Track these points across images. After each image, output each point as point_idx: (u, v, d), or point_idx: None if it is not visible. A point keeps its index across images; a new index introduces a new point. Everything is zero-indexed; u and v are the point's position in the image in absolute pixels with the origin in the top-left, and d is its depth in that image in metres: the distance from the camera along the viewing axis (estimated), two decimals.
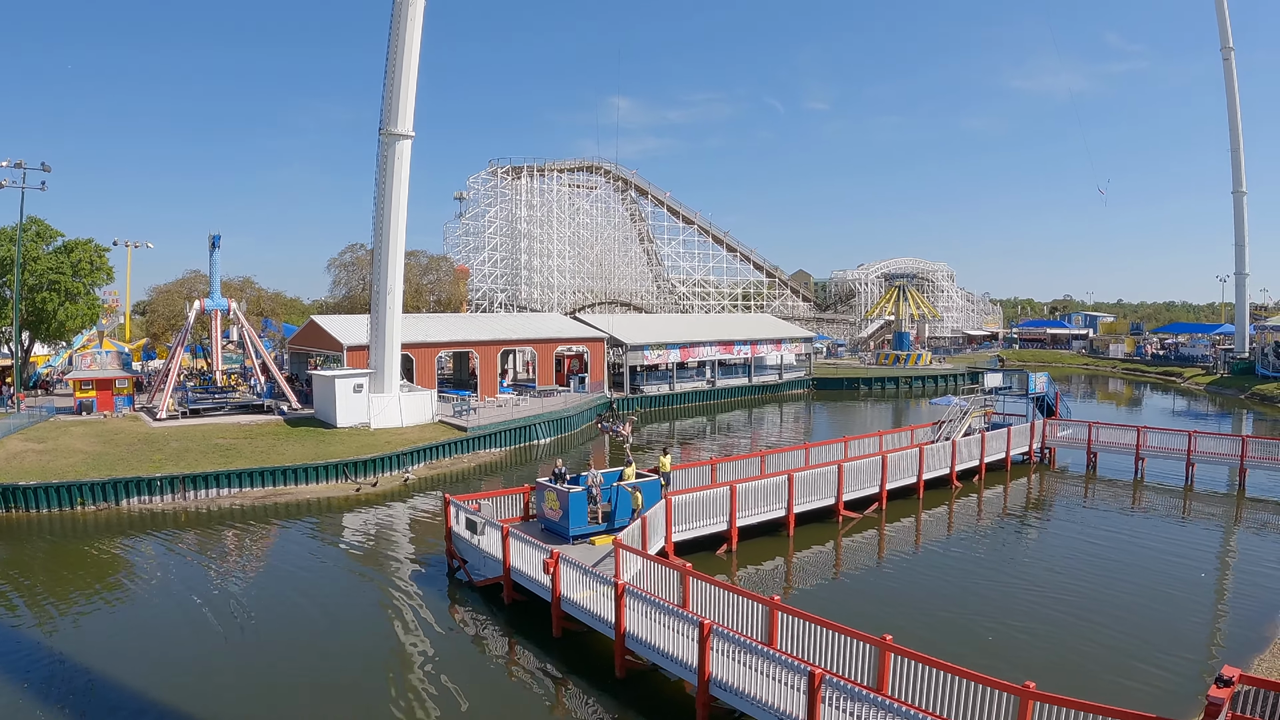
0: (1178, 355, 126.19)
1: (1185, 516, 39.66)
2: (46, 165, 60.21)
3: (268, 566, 33.74)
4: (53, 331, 70.93)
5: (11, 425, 50.33)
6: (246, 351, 68.40)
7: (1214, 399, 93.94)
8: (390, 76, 53.88)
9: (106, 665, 23.51)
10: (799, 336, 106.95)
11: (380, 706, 20.98)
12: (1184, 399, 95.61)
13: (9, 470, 42.51)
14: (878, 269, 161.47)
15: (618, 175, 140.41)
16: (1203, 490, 44.22)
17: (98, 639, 25.83)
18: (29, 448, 46.15)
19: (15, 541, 37.03)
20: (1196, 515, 39.94)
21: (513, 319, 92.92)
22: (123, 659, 24.02)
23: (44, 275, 66.51)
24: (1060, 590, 28.76)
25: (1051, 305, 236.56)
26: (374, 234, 56.80)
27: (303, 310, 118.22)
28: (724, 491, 33.62)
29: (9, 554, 35.12)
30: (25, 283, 64.51)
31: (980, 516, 40.11)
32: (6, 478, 41.52)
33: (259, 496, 44.10)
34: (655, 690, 21.61)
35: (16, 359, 64.86)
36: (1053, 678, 19.56)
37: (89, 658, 24.15)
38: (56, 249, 70.03)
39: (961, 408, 51.17)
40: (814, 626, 18.96)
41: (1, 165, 59.09)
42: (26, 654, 24.55)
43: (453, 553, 31.39)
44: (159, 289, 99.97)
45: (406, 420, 57.49)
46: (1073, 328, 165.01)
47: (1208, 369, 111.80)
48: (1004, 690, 15.47)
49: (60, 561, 34.12)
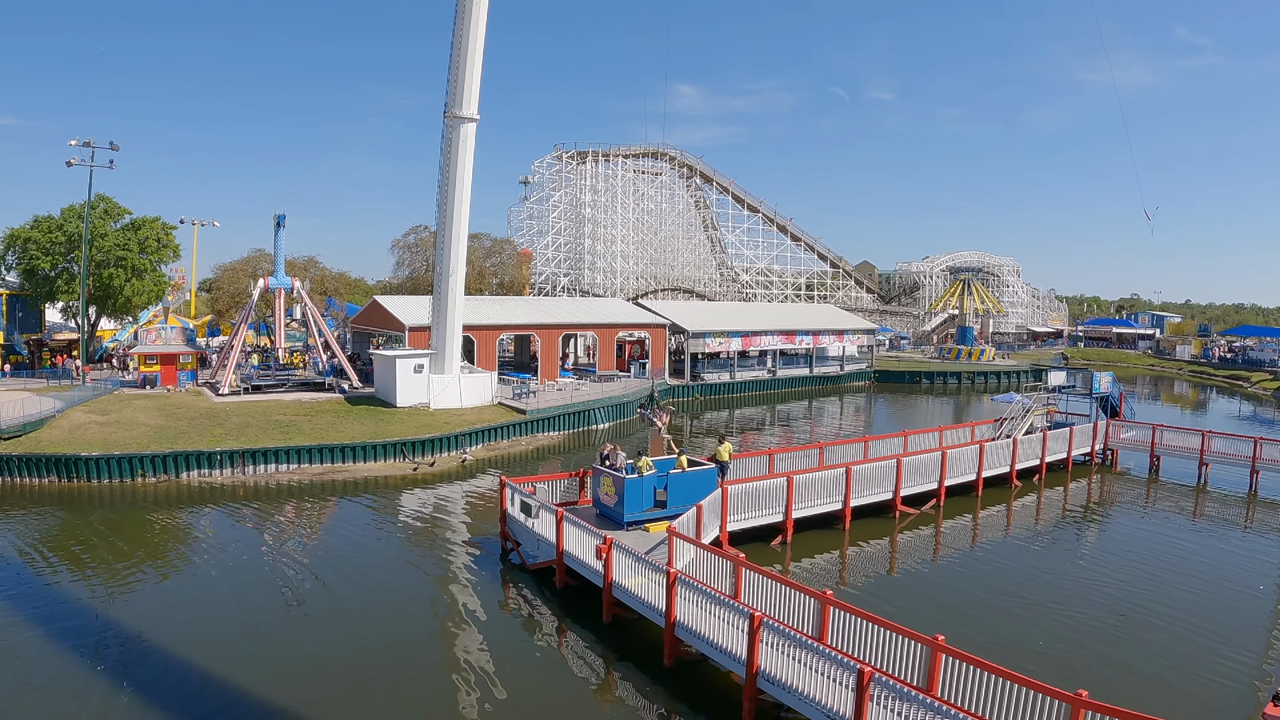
0: (1245, 359, 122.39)
1: (1247, 525, 38.59)
2: (115, 144, 62.12)
3: (323, 543, 34.28)
4: (119, 307, 73.05)
5: (76, 397, 51.84)
6: (309, 330, 69.55)
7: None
8: (456, 59, 54.13)
9: (157, 635, 24.08)
10: (861, 328, 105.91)
11: (430, 686, 21.31)
12: (1250, 404, 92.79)
13: (72, 441, 43.78)
14: (943, 262, 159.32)
15: (682, 161, 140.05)
16: (1267, 499, 42.96)
17: (151, 609, 26.46)
18: (92, 419, 47.46)
19: (76, 511, 38.07)
20: (1259, 525, 38.78)
21: (575, 303, 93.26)
22: (173, 629, 24.57)
23: (111, 251, 68.43)
24: (1115, 597, 28.19)
25: (1118, 304, 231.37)
26: (438, 216, 57.37)
27: (366, 290, 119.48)
28: (781, 482, 33.45)
29: (69, 523, 36.16)
30: (93, 259, 66.45)
31: (1039, 518, 39.50)
32: (70, 448, 42.76)
33: (317, 473, 44.85)
34: (703, 681, 21.62)
35: (83, 333, 66.82)
36: (1104, 686, 19.28)
37: (141, 626, 24.75)
38: (124, 226, 72.09)
39: (1024, 405, 50.32)
40: (865, 623, 18.82)
41: (70, 143, 60.85)
42: (79, 620, 25.30)
43: (507, 535, 31.70)
44: (224, 267, 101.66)
45: (466, 401, 58.08)
46: (1139, 327, 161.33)
47: (1276, 374, 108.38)
48: (1055, 697, 15.23)
49: (119, 532, 34.92)
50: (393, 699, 20.57)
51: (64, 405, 49.09)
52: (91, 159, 61.32)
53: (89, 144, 60.81)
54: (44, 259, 67.73)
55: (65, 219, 69.13)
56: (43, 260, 67.69)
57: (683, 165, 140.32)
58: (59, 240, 68.02)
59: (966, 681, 16.57)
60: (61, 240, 67.98)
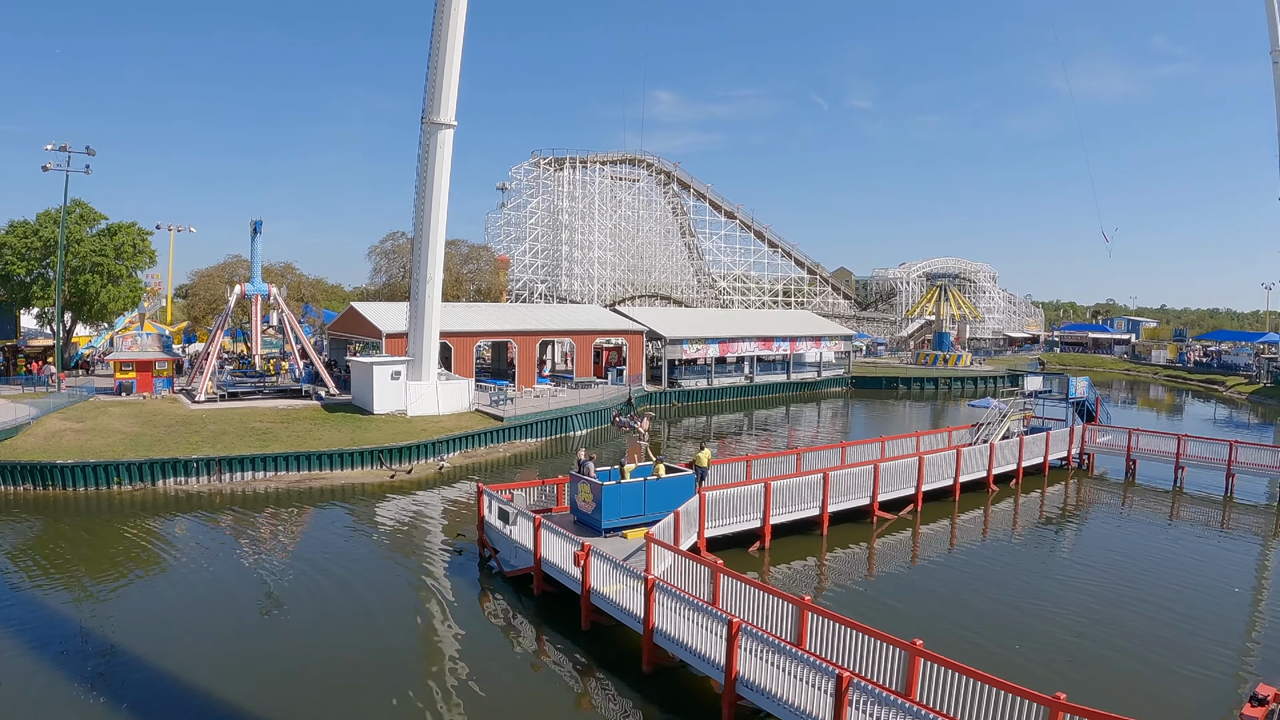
0: (1220, 363, 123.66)
1: (1224, 528, 38.93)
2: (91, 149, 61.34)
3: (301, 550, 34.02)
4: (95, 313, 72.44)
5: (51, 404, 51.37)
6: (286, 336, 69.23)
7: (1256, 409, 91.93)
8: (433, 66, 54.05)
9: (136, 643, 23.85)
10: (838, 334, 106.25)
11: (408, 693, 21.12)
12: (1226, 408, 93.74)
13: (47, 449, 43.31)
14: (919, 268, 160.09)
15: (660, 168, 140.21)
16: (1243, 501, 43.33)
17: (129, 617, 26.24)
18: (68, 427, 46.98)
19: (51, 519, 37.67)
20: (1236, 527, 39.19)
21: (552, 310, 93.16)
22: (152, 637, 24.36)
23: (87, 257, 67.83)
24: (1093, 600, 28.33)
25: (1094, 309, 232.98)
26: (415, 222, 57.16)
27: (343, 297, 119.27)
28: (759, 488, 33.47)
29: (45, 531, 35.80)
30: (68, 264, 65.81)
31: (1016, 522, 39.68)
32: (45, 456, 42.28)
33: (294, 480, 44.57)
34: (682, 687, 21.56)
35: (59, 339, 66.30)
36: (1083, 689, 19.35)
37: (119, 635, 24.54)
38: (100, 232, 71.46)
39: (1000, 410, 50.62)
40: (844, 628, 18.82)
41: (47, 148, 60.28)
42: (58, 630, 25.01)
43: (485, 542, 31.56)
44: (201, 273, 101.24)
45: (443, 408, 57.84)
46: (1115, 332, 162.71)
47: (1251, 378, 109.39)
48: (1034, 700, 15.24)
49: (95, 540, 34.61)
50: (371, 706, 20.39)
51: (39, 412, 48.57)
52: (68, 164, 60.66)
53: (65, 148, 60.17)
54: (19, 264, 66.87)
55: (41, 224, 68.24)
56: (18, 266, 66.83)
57: (660, 171, 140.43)
58: (34, 245, 67.20)
59: (945, 685, 16.56)
60: (37, 245, 67.15)
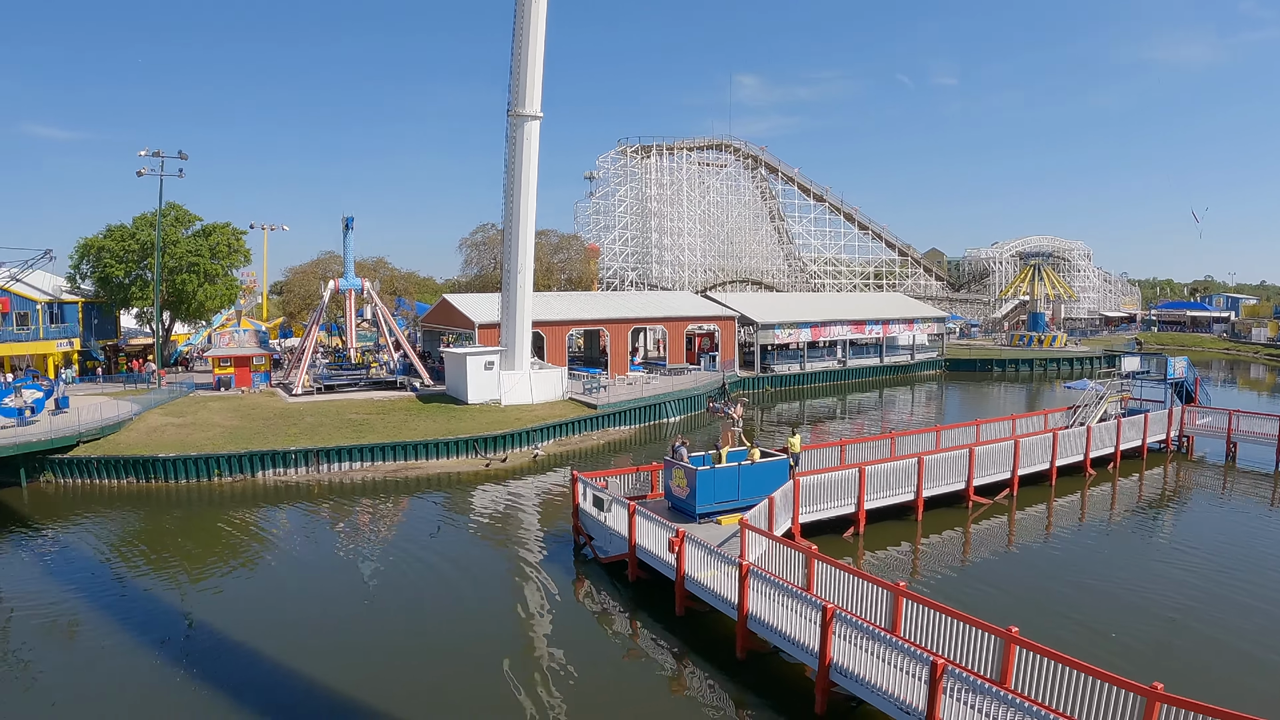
0: None
1: None
2: (184, 153, 63.99)
3: (398, 539, 34.98)
4: (192, 311, 75.21)
5: (153, 400, 53.64)
6: (380, 329, 70.94)
7: None
8: (517, 58, 54.80)
9: (237, 631, 24.91)
10: (931, 316, 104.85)
11: (503, 679, 21.77)
12: None
13: (149, 443, 45.30)
14: (1012, 247, 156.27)
15: (746, 153, 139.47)
16: None
17: (230, 605, 27.37)
18: (169, 422, 49.03)
19: (154, 511, 39.44)
20: None
21: (643, 297, 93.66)
22: (254, 626, 25.41)
23: (183, 258, 70.44)
24: (1191, 588, 27.76)
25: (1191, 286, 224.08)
26: (504, 214, 58.14)
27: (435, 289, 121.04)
28: (853, 473, 33.51)
29: (148, 523, 37.51)
30: (165, 265, 68.43)
31: (1113, 507, 38.95)
32: (147, 450, 44.25)
33: (390, 470, 45.77)
34: (775, 673, 21.84)
35: (158, 338, 69.00)
36: (1180, 678, 19.08)
37: (221, 622, 25.68)
38: (195, 232, 74.20)
39: (1097, 392, 49.50)
40: (938, 615, 18.92)
41: (141, 154, 62.75)
42: (161, 618, 26.25)
43: (579, 529, 32.13)
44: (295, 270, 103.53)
45: (537, 397, 58.77)
46: (1213, 310, 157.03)
47: None
48: (1131, 690, 15.19)
49: (197, 531, 36.09)
50: (468, 691, 21.17)
51: (141, 408, 50.72)
52: (161, 168, 63.08)
53: (158, 154, 62.59)
54: (118, 267, 69.95)
55: (137, 227, 71.36)
56: (116, 268, 69.90)
57: (747, 156, 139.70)
58: (132, 248, 70.26)
59: (1040, 673, 16.59)
60: (134, 248, 70.20)
